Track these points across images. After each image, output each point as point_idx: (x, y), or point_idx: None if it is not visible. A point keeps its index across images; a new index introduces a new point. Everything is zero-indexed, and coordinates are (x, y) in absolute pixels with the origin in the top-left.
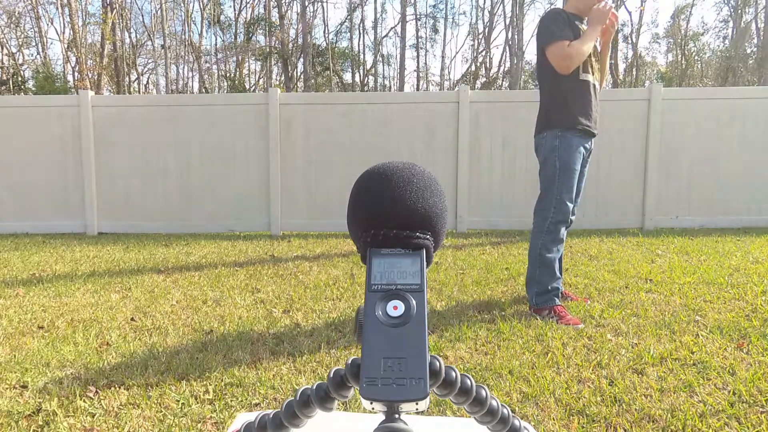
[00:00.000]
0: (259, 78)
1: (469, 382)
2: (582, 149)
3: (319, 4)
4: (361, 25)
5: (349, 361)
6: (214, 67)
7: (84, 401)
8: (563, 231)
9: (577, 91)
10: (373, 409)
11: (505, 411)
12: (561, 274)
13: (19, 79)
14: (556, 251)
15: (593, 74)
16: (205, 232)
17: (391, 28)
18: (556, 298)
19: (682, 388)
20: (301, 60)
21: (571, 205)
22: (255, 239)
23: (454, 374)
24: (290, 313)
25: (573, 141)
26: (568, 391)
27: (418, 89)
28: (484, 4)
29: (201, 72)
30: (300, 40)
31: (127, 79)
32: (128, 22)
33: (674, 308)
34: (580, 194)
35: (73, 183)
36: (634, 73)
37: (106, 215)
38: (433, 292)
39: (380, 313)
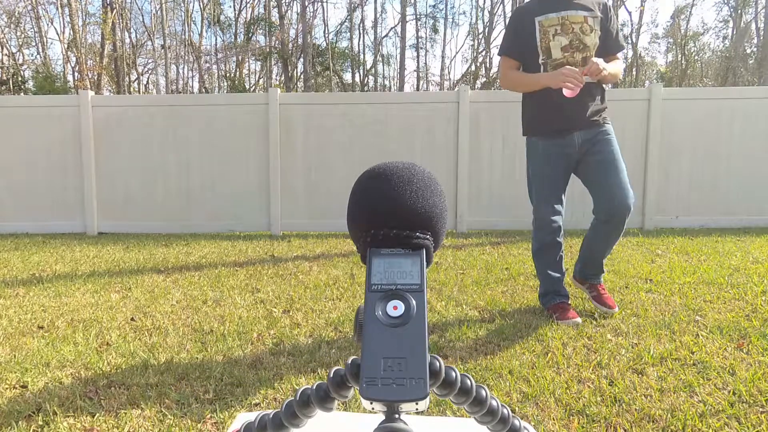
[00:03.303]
0: (259, 78)
1: (469, 382)
2: (552, 150)
3: (319, 4)
4: (361, 25)
5: (349, 361)
6: (214, 67)
7: (84, 401)
8: (547, 237)
9: (540, 100)
10: (373, 409)
11: (505, 411)
12: (560, 272)
13: (19, 79)
14: (546, 256)
15: None
16: (205, 232)
17: (391, 28)
18: (556, 297)
19: (682, 388)
20: (301, 60)
21: (546, 211)
22: (255, 239)
23: (454, 374)
24: (290, 313)
25: (538, 146)
26: (568, 391)
27: (418, 89)
28: (484, 4)
29: (201, 72)
30: (300, 40)
31: (127, 79)
32: (128, 22)
33: (674, 308)
34: (614, 187)
35: (73, 183)
36: (634, 73)
37: (106, 215)
38: (433, 292)
39: (380, 313)
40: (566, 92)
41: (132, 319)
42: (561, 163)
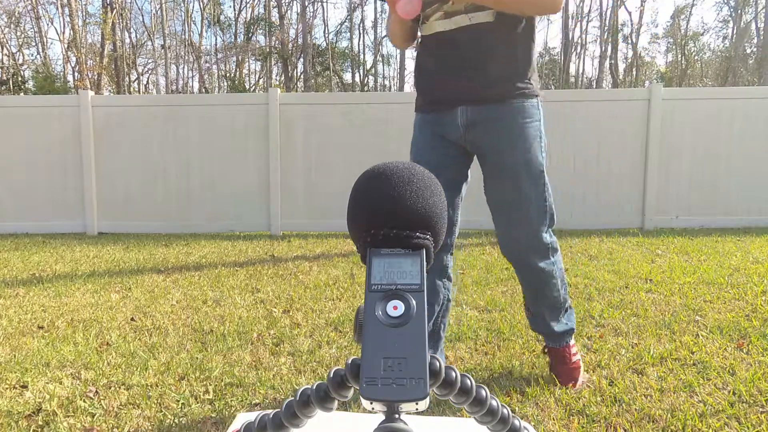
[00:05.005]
0: (259, 78)
1: (469, 382)
2: (427, 129)
3: (319, 4)
4: (361, 25)
5: (349, 361)
6: (214, 67)
7: (84, 401)
8: None
9: (420, 56)
10: (373, 409)
11: (505, 411)
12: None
13: (19, 79)
14: None
15: (439, 19)
16: (205, 232)
17: None
18: None
19: (682, 388)
20: (301, 60)
21: None
22: (255, 239)
23: (454, 374)
24: (290, 313)
25: (416, 120)
26: (568, 391)
27: None
28: None
29: (201, 72)
30: (300, 40)
31: (127, 79)
32: (128, 22)
33: (674, 308)
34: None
35: (73, 183)
36: (634, 73)
37: (106, 215)
38: None
39: (380, 313)
40: (399, 11)
41: (132, 319)
42: (438, 148)
